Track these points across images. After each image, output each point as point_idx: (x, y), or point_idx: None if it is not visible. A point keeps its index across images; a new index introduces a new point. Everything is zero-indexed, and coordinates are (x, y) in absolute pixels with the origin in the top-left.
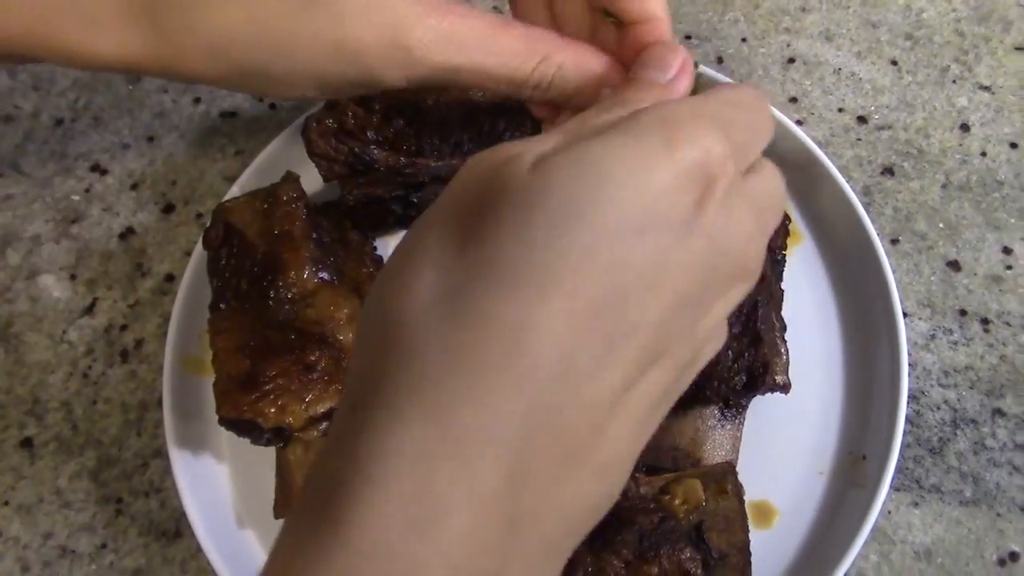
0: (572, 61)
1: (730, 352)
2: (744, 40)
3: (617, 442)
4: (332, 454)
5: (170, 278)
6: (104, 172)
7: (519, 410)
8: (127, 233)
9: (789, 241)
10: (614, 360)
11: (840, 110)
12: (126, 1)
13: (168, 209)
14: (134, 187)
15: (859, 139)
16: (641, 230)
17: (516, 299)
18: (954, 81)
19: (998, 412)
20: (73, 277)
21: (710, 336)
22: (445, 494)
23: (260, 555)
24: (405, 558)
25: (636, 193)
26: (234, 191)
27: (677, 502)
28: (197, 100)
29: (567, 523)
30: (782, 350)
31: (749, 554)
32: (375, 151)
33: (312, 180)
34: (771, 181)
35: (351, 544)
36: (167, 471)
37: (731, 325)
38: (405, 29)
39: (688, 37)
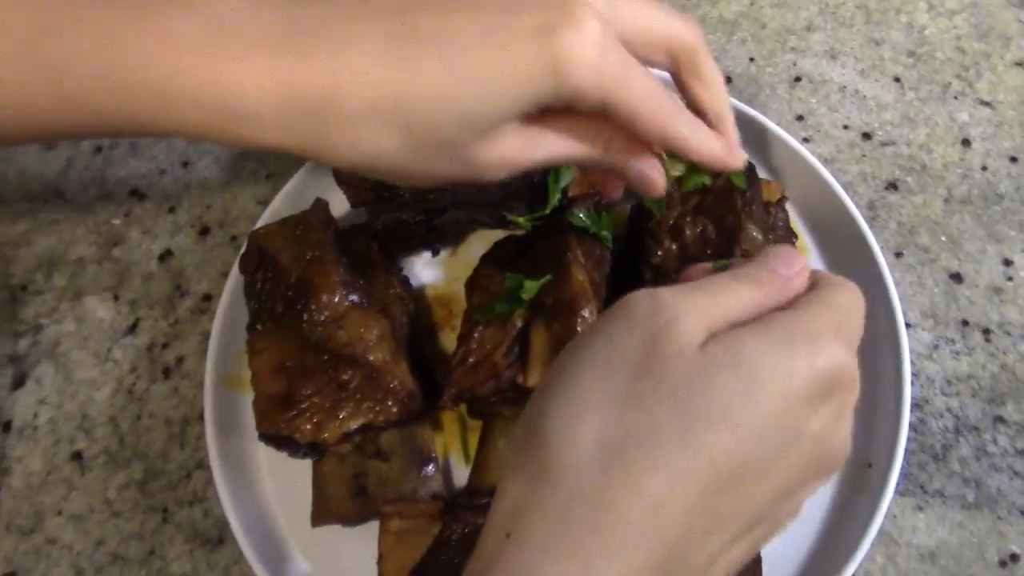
0: (618, 142)
1: None
2: (752, 60)
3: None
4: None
5: (208, 298)
6: (143, 197)
7: (648, 564)
8: (166, 255)
9: None
10: (720, 532)
11: (845, 127)
12: (287, 108)
13: (204, 232)
14: (171, 211)
15: (864, 155)
16: (773, 429)
17: (664, 475)
18: (955, 97)
19: (999, 419)
20: (116, 298)
21: (790, 515)
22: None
23: (299, 561)
24: None
25: (778, 397)
26: (267, 216)
27: None
28: None
29: None
30: None
31: (760, 560)
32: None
33: (339, 203)
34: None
35: None
36: (209, 482)
37: None
38: (511, 149)
39: None
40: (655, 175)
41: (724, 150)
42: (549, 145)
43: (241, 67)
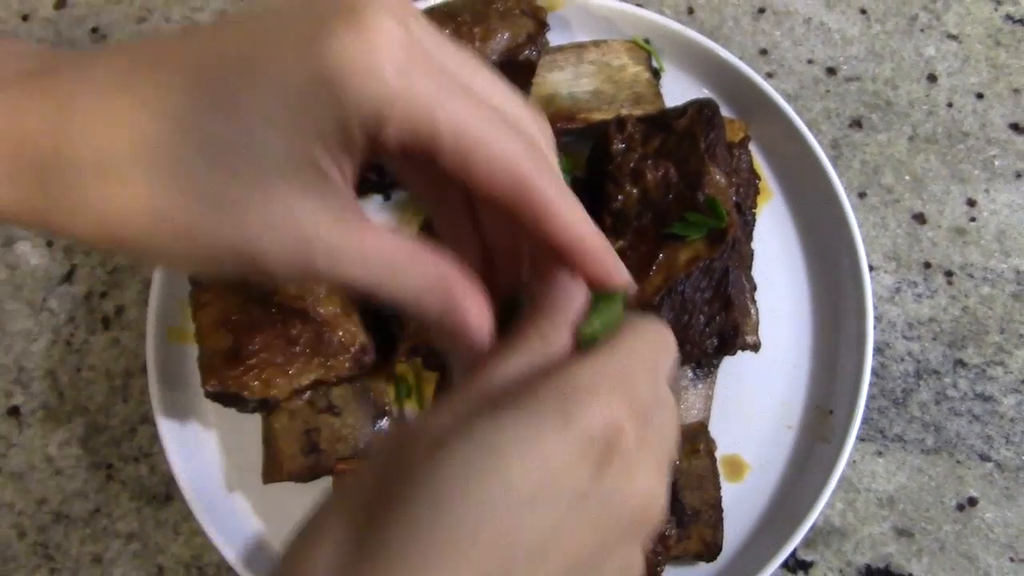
0: (473, 306)
1: (702, 316)
2: None
3: None
4: None
5: None
6: None
7: None
8: None
9: (759, 199)
10: None
11: (810, 62)
12: (12, 158)
13: None
14: None
15: (828, 91)
16: (531, 503)
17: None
18: (922, 30)
19: (960, 363)
20: (49, 244)
21: None
22: None
23: (249, 517)
24: None
25: (527, 469)
26: None
27: None
28: None
29: None
30: (752, 311)
31: (721, 510)
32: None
33: None
34: (670, 422)
35: None
36: (155, 437)
37: (702, 290)
38: (309, 242)
39: None
40: (480, 339)
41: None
42: (369, 268)
43: None
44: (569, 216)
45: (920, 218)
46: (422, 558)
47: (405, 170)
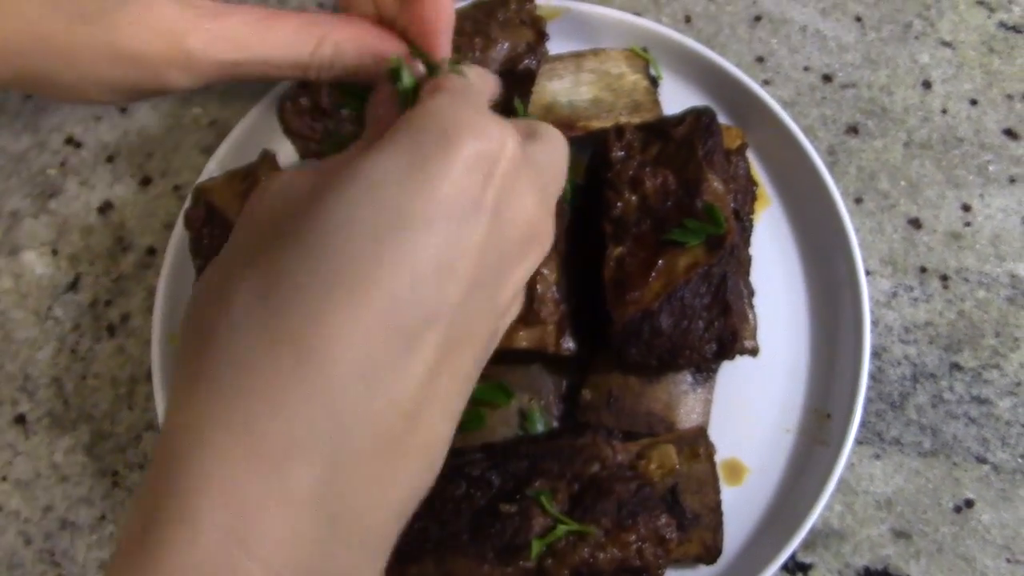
0: (348, 38)
1: (700, 322)
2: None
3: (433, 425)
4: (150, 479)
5: (152, 251)
6: (79, 145)
7: (320, 416)
8: (106, 207)
9: (757, 205)
10: (416, 352)
11: (806, 69)
12: None
13: (145, 182)
14: (110, 160)
15: (824, 98)
16: (427, 224)
17: (303, 312)
18: (917, 37)
19: (956, 366)
20: (55, 253)
21: (510, 304)
22: (258, 505)
23: None
24: (226, 571)
25: (416, 191)
26: (211, 166)
27: (652, 467)
28: None
29: (392, 510)
30: (750, 316)
31: (721, 513)
32: (349, 128)
33: (288, 154)
34: (554, 147)
35: (171, 568)
36: None
37: (701, 296)
38: (181, 34)
39: None
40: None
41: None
42: (238, 35)
43: None
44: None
45: (916, 223)
46: (328, 291)
47: None
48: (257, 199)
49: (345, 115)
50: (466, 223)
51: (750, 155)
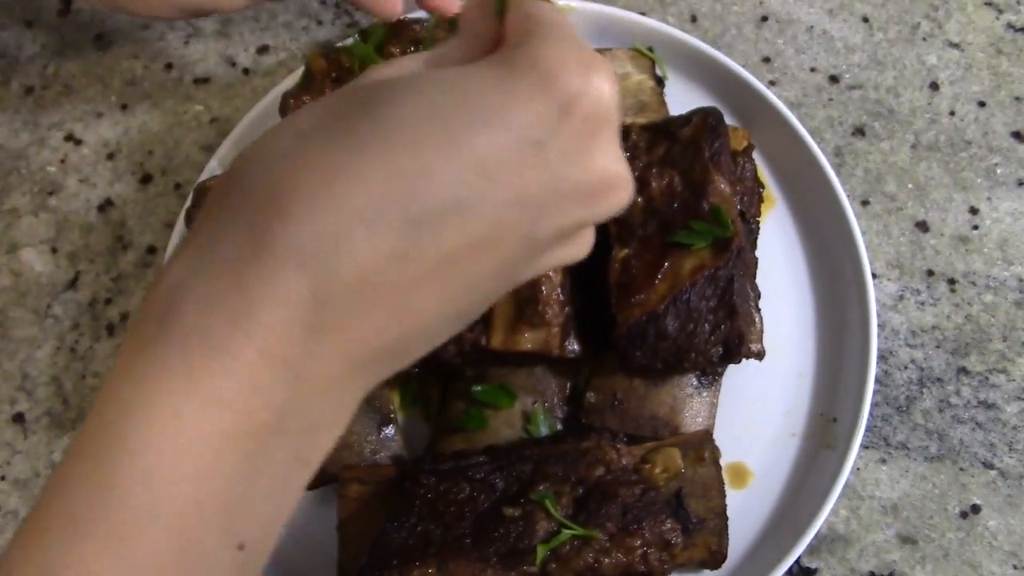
0: None
1: (706, 325)
2: None
3: (426, 300)
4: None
5: (152, 250)
6: (79, 142)
7: (325, 233)
8: (106, 205)
9: (763, 207)
10: (441, 229)
11: (812, 70)
12: None
13: (146, 180)
14: (110, 157)
15: (831, 99)
16: (490, 125)
17: (353, 147)
18: (924, 38)
19: (963, 371)
20: (54, 251)
21: (556, 240)
22: (254, 293)
23: None
24: (223, 342)
25: (492, 103)
26: (213, 165)
27: (657, 471)
28: (169, 66)
29: (364, 349)
30: (756, 319)
31: (726, 518)
32: None
33: None
34: (612, 89)
35: (174, 337)
36: None
37: (707, 299)
38: None
39: None
40: None
41: None
42: None
43: None
44: None
45: (923, 226)
46: (379, 141)
47: None
48: (360, 77)
49: None
50: (527, 147)
51: (756, 156)
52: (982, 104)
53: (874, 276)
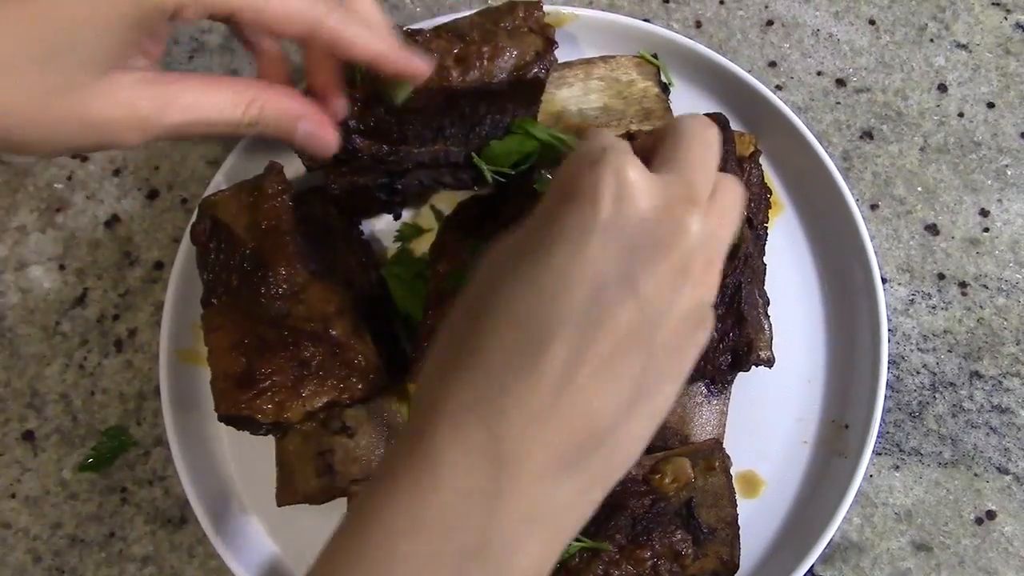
0: (271, 101)
1: (715, 333)
2: (722, 2)
3: (587, 409)
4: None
5: (159, 265)
6: (85, 159)
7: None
8: (113, 221)
9: (771, 213)
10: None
11: (819, 73)
12: None
13: (152, 195)
14: (116, 173)
15: (838, 103)
16: (569, 284)
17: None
18: (931, 40)
19: (975, 375)
20: (62, 267)
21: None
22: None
23: (264, 540)
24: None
25: (570, 262)
26: (218, 179)
27: (667, 481)
28: None
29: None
30: (765, 326)
31: (738, 527)
32: (357, 140)
33: (295, 166)
34: (735, 194)
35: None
36: (169, 459)
37: (716, 306)
38: (138, 104)
39: (666, 0)
40: (323, 133)
41: (395, 49)
42: (184, 103)
43: None
44: (361, 39)
45: (933, 229)
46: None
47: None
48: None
49: (353, 127)
50: (607, 291)
51: (763, 162)
52: (991, 105)
53: (884, 280)
